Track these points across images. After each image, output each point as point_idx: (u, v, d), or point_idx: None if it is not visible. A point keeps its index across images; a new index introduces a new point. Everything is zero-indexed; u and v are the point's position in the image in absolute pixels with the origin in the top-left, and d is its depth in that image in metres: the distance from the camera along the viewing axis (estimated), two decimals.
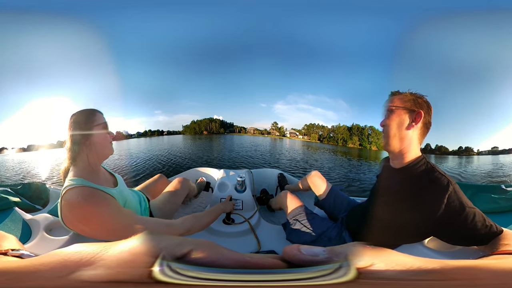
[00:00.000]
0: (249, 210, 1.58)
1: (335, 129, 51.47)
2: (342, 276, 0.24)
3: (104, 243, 0.26)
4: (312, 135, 53.38)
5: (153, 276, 0.23)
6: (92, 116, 1.01)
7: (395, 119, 0.94)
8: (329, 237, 1.24)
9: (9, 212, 1.13)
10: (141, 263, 0.24)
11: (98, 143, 1.00)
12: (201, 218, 1.13)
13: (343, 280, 0.24)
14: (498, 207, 1.27)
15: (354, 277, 0.24)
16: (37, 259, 0.26)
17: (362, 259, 0.26)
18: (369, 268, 0.25)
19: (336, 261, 0.25)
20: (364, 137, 46.58)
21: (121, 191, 1.06)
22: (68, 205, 0.85)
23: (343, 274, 0.24)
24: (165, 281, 0.22)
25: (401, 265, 0.26)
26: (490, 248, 0.80)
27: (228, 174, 1.93)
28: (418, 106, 0.93)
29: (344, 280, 0.24)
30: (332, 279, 0.24)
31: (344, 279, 0.24)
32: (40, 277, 0.24)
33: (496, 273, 0.28)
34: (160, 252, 0.24)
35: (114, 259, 0.24)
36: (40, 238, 1.04)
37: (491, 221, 0.83)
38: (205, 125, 55.33)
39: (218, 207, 1.32)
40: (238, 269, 0.25)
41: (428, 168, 0.92)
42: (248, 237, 1.39)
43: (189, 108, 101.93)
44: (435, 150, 33.84)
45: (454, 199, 0.82)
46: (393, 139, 0.95)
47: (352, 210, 1.33)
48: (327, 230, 1.27)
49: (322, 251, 0.27)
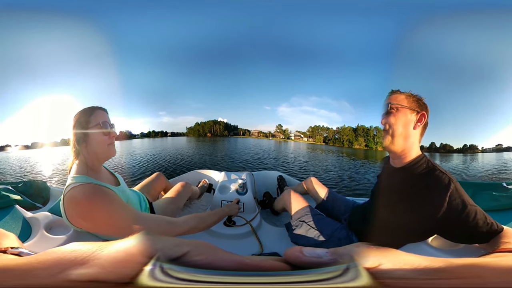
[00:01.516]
0: (250, 212, 1.57)
1: (340, 130, 51.28)
2: (354, 279, 0.22)
3: (101, 242, 0.26)
4: (317, 137, 53.28)
5: (137, 280, 0.22)
6: (90, 116, 1.00)
7: (402, 118, 0.94)
8: (339, 238, 1.21)
9: (10, 210, 1.15)
10: (135, 263, 0.23)
11: (94, 144, 0.99)
12: (204, 218, 1.12)
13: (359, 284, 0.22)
14: (499, 205, 1.27)
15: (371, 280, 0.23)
16: (34, 257, 0.26)
17: (369, 259, 0.25)
18: (378, 268, 0.24)
19: (341, 262, 0.25)
20: (369, 138, 46.34)
21: (123, 190, 1.06)
22: (72, 202, 0.85)
23: (354, 276, 0.23)
24: (149, 285, 0.22)
25: (409, 264, 0.25)
26: (491, 246, 0.80)
27: (229, 176, 1.92)
28: (421, 107, 0.95)
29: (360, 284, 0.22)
30: (344, 282, 0.22)
31: (361, 283, 0.22)
32: (35, 275, 0.24)
33: (497, 271, 0.28)
34: (156, 253, 0.24)
35: (109, 259, 0.24)
36: (40, 236, 1.05)
37: (492, 219, 0.83)
38: (209, 127, 55.53)
39: (223, 210, 1.31)
40: (236, 271, 0.24)
41: (429, 166, 0.91)
42: (250, 239, 1.38)
43: (194, 110, 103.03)
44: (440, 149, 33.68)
45: (456, 197, 0.82)
46: (399, 138, 0.94)
47: (354, 211, 1.31)
48: (336, 231, 1.24)
49: (325, 253, 0.26)
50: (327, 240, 1.22)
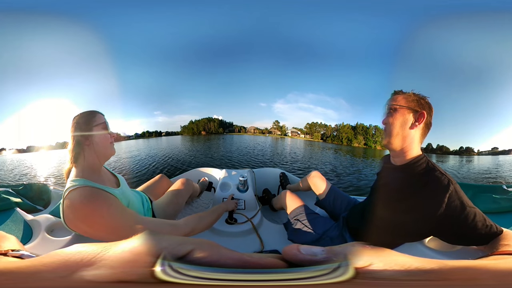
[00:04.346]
0: (251, 210, 1.58)
1: (339, 128, 51.23)
2: (339, 276, 0.24)
3: (105, 243, 0.26)
4: (315, 134, 53.19)
5: (156, 276, 0.23)
6: (93, 117, 1.01)
7: (399, 118, 0.95)
8: (331, 237, 1.24)
9: (11, 213, 1.15)
10: (142, 263, 0.24)
11: (99, 143, 1.01)
12: (204, 217, 1.13)
13: (340, 279, 0.24)
14: (499, 208, 1.26)
15: (351, 277, 0.24)
16: (38, 260, 0.26)
17: (361, 259, 0.26)
18: (367, 268, 0.25)
19: (335, 260, 0.26)
20: (369, 137, 46.42)
21: (123, 192, 1.06)
22: (71, 206, 0.84)
23: (340, 274, 0.24)
24: (168, 280, 0.23)
25: (400, 265, 0.26)
26: (490, 248, 0.80)
27: (230, 174, 1.92)
28: (421, 106, 0.94)
29: (340, 279, 0.24)
30: (330, 278, 0.24)
31: (341, 279, 0.24)
32: (42, 278, 0.24)
33: (495, 274, 0.28)
34: (161, 252, 0.24)
35: (116, 259, 0.24)
36: (41, 238, 1.05)
37: (491, 221, 0.83)
38: (203, 125, 54.69)
39: (221, 206, 1.33)
40: (238, 269, 0.25)
41: (428, 167, 0.91)
42: (251, 237, 1.39)
43: (189, 108, 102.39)
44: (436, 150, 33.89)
45: (455, 199, 0.82)
46: (396, 137, 0.95)
47: (352, 209, 1.32)
48: (328, 230, 1.26)
49: (321, 251, 0.27)
50: (318, 238, 1.25)
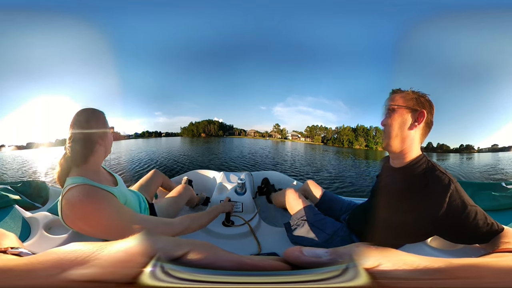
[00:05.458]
0: (249, 213, 1.57)
1: (340, 130, 51.14)
2: (352, 279, 0.23)
3: (101, 243, 0.26)
4: (316, 137, 53.10)
5: (139, 280, 0.22)
6: (96, 116, 1.01)
7: (397, 119, 0.92)
8: (342, 237, 1.21)
9: (9, 210, 1.14)
10: (135, 263, 0.23)
11: (109, 142, 1.02)
12: (199, 217, 1.13)
13: (356, 283, 0.22)
14: (498, 205, 1.27)
15: (368, 280, 0.23)
16: (34, 257, 0.26)
17: (368, 259, 0.25)
18: (377, 268, 0.24)
19: (340, 262, 0.25)
20: (369, 138, 46.33)
21: (121, 191, 1.06)
22: (69, 204, 0.85)
23: (353, 276, 0.23)
24: (151, 285, 0.22)
25: (409, 264, 0.25)
26: (491, 246, 0.80)
27: (228, 176, 1.91)
28: (421, 105, 0.91)
29: (357, 283, 0.22)
30: (342, 282, 0.22)
31: (358, 283, 0.22)
32: (36, 276, 0.25)
33: (497, 271, 0.28)
34: (156, 253, 0.24)
35: (109, 259, 0.24)
36: (40, 236, 1.05)
37: (492, 219, 0.82)
38: (204, 127, 54.41)
39: (217, 208, 1.32)
40: (236, 271, 0.24)
41: (428, 167, 0.90)
42: (248, 240, 1.38)
43: (190, 110, 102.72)
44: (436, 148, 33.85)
45: (456, 198, 0.81)
46: (395, 139, 0.93)
47: (353, 211, 1.31)
48: (338, 230, 1.23)
49: (324, 252, 0.26)
50: (329, 239, 1.21)
